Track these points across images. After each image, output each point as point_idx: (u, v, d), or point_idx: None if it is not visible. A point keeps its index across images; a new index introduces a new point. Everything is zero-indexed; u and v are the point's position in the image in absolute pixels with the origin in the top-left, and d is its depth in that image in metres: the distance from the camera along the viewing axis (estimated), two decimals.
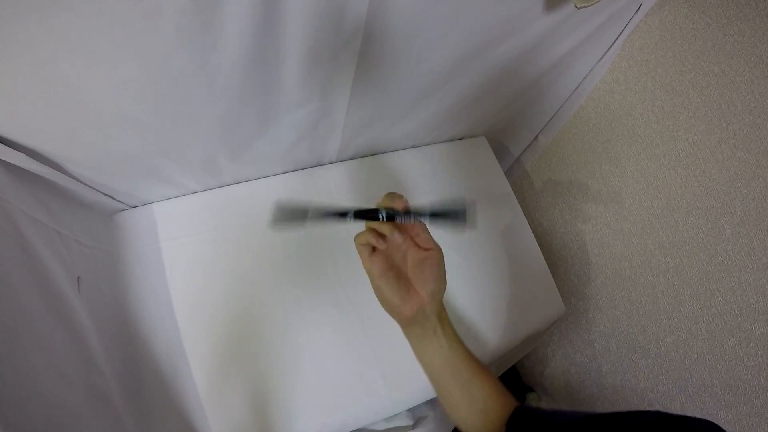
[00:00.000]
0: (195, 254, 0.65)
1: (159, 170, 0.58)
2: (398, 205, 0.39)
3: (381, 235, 0.39)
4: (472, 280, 0.73)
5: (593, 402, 0.90)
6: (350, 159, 0.78)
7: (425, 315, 0.41)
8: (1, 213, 0.40)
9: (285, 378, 0.60)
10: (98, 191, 0.58)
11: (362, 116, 0.63)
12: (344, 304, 0.66)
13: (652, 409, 0.32)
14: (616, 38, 0.63)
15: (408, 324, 0.43)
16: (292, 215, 0.40)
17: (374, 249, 0.41)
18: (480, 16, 0.47)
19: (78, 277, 0.50)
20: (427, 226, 0.41)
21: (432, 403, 0.68)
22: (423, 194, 0.78)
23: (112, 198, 0.61)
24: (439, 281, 0.41)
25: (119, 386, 0.51)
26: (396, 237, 0.39)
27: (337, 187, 0.75)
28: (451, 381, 0.43)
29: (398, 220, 0.39)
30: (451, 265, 0.42)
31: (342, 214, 0.39)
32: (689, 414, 0.30)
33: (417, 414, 0.70)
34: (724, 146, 0.56)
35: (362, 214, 0.39)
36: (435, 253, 0.41)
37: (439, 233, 0.42)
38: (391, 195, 0.40)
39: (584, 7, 0.46)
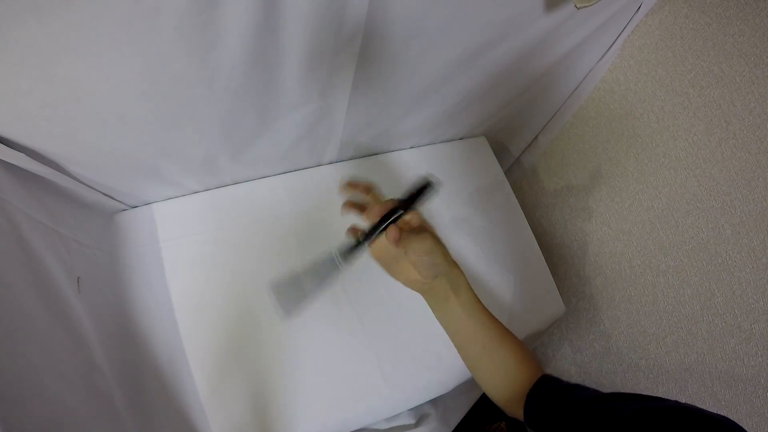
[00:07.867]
0: (195, 254, 0.65)
1: (159, 170, 0.58)
2: (374, 216, 0.42)
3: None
4: (472, 280, 0.72)
5: None
6: (350, 159, 0.78)
7: (432, 286, 0.45)
8: (1, 213, 0.40)
9: (285, 378, 0.60)
10: (98, 191, 0.58)
11: (362, 116, 0.63)
12: (344, 304, 0.66)
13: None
14: (616, 38, 0.63)
15: (421, 292, 0.47)
16: (292, 292, 0.40)
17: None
18: (480, 17, 0.47)
19: (78, 278, 0.50)
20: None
21: (434, 401, 0.68)
22: None
23: (112, 198, 0.61)
24: (431, 254, 0.43)
25: (119, 386, 0.51)
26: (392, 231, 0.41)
27: (337, 187, 0.75)
28: (469, 345, 0.46)
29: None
30: None
31: (335, 260, 0.41)
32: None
33: (419, 413, 0.70)
34: (724, 146, 0.56)
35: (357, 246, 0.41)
36: (427, 237, 0.43)
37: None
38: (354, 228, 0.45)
39: (584, 7, 0.46)
